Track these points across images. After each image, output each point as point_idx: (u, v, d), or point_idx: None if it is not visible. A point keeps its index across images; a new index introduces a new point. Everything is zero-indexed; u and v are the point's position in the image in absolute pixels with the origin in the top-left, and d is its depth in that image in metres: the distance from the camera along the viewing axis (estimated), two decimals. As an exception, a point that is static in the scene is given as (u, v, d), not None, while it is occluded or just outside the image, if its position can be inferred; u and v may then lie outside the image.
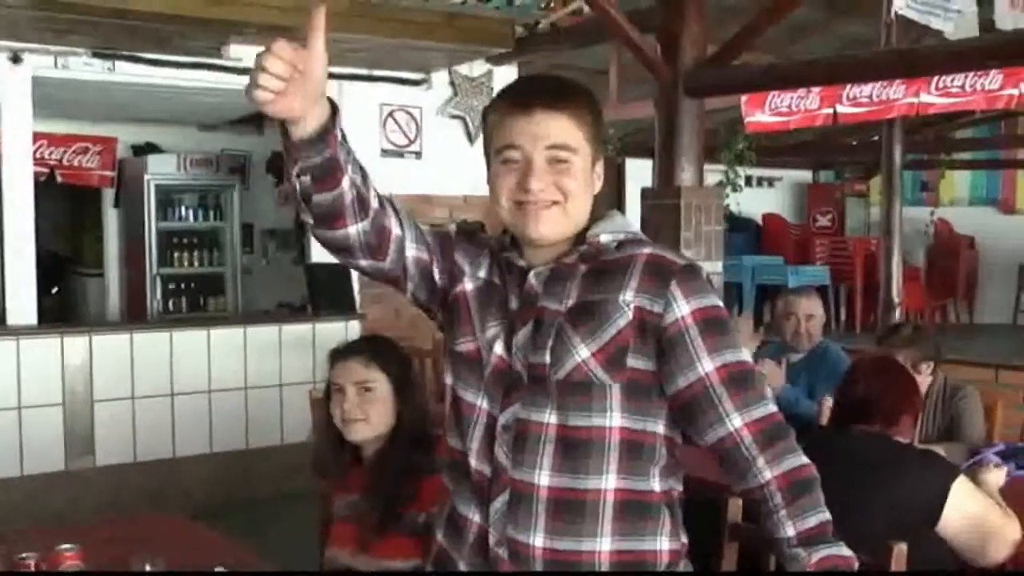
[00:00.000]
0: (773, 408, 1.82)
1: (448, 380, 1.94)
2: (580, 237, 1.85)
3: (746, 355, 1.84)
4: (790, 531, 1.77)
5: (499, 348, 1.83)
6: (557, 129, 1.79)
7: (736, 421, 1.78)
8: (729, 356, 1.80)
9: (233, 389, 6.57)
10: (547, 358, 1.78)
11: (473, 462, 1.84)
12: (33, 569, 2.38)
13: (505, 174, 1.82)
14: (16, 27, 5.88)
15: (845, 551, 1.78)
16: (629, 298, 1.78)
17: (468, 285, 1.91)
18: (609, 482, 1.78)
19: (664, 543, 1.83)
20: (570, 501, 1.77)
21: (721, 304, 1.84)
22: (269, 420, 6.62)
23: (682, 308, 1.77)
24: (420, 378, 4.74)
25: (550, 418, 1.78)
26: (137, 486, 6.14)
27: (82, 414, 6.17)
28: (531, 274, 1.84)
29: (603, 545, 1.77)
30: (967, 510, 2.77)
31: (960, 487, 2.78)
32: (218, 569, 2.45)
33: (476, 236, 1.97)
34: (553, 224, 1.81)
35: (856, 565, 1.79)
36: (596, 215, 1.88)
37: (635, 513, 1.80)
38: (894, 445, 2.94)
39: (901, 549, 2.32)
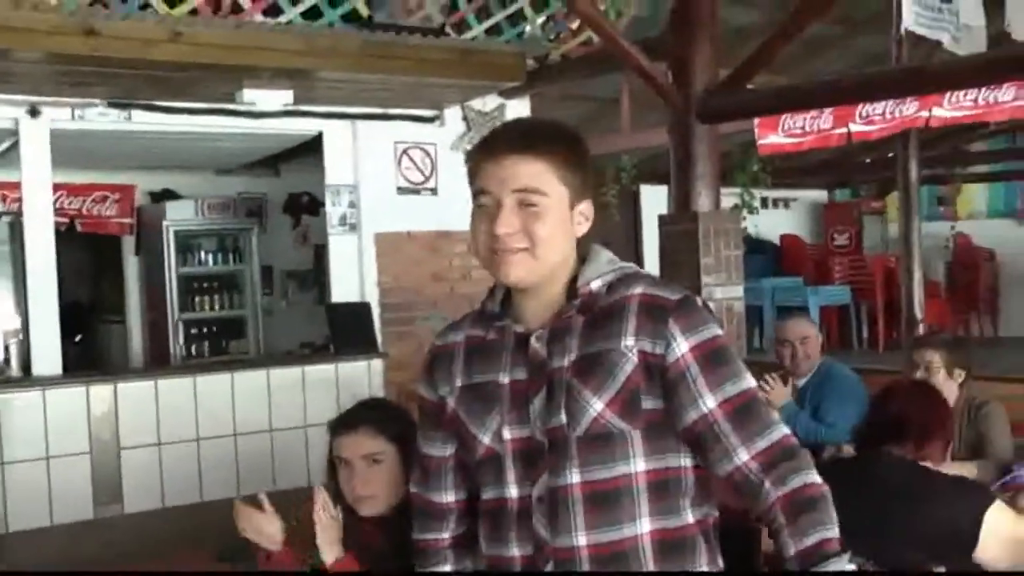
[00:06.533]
0: (779, 433, 1.81)
1: (464, 495, 1.99)
2: (572, 287, 1.85)
3: (748, 381, 1.82)
4: (791, 550, 1.74)
5: (508, 433, 1.83)
6: (524, 173, 1.79)
7: (743, 455, 1.78)
8: (730, 388, 1.79)
9: (258, 432, 6.58)
10: (563, 418, 1.78)
11: (516, 551, 1.83)
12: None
13: (478, 219, 1.83)
14: (34, 80, 5.95)
15: (841, 566, 1.71)
16: (630, 343, 1.78)
17: (450, 402, 1.92)
18: (643, 526, 1.78)
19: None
20: (612, 555, 1.77)
21: (719, 332, 1.83)
22: (295, 461, 6.60)
23: (681, 346, 1.78)
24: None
25: (572, 478, 1.78)
26: (165, 532, 6.12)
27: (109, 462, 6.18)
28: (532, 339, 1.84)
29: None
30: (1005, 536, 2.70)
31: (995, 514, 2.72)
32: None
33: (444, 347, 1.97)
34: (523, 269, 1.81)
35: None
36: (582, 253, 1.87)
37: (674, 551, 1.80)
38: (926, 473, 2.88)
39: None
